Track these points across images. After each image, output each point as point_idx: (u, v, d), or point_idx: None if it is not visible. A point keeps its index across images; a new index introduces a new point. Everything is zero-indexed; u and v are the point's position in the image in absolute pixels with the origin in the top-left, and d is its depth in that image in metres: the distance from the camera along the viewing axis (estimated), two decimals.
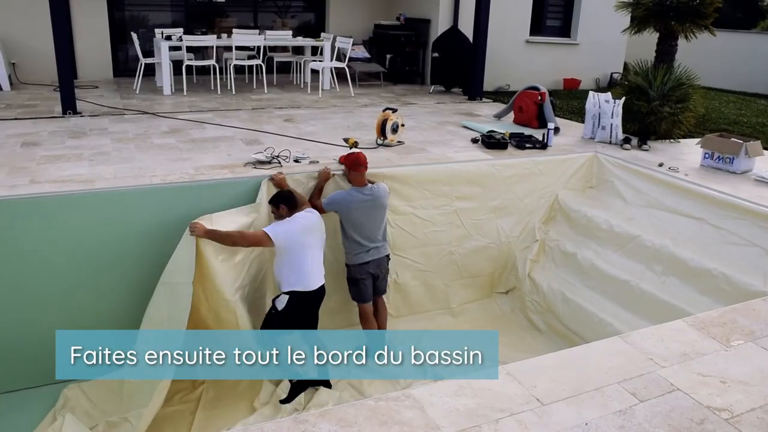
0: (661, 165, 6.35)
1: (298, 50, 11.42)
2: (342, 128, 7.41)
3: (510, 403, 2.61)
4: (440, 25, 11.22)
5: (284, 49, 11.52)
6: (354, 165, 5.21)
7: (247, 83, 10.52)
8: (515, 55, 12.04)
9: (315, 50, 10.90)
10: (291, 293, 4.65)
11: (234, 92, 9.74)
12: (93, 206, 4.82)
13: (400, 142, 6.68)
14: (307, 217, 4.77)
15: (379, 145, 6.57)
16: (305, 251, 4.66)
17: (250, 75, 10.68)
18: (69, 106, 7.82)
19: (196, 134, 6.93)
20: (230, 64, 9.81)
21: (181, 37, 9.55)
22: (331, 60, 10.10)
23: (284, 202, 4.80)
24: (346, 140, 5.88)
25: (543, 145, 6.80)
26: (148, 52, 10.11)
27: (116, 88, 10.15)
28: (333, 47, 10.13)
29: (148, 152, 6.06)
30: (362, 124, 7.72)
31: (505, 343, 5.77)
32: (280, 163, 5.60)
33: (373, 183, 5.32)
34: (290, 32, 10.82)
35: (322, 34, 10.85)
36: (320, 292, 4.84)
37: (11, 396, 4.89)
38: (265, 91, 9.94)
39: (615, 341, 3.22)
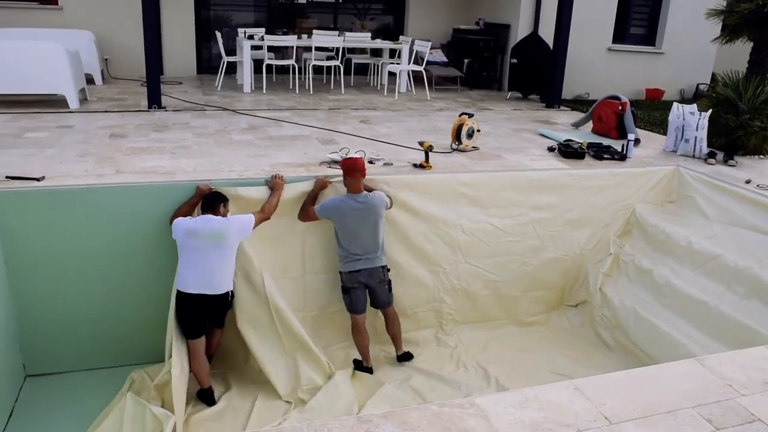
0: (748, 182, 6.07)
1: (376, 52, 11.51)
2: (417, 131, 7.42)
3: (576, 419, 2.55)
4: (520, 30, 11.08)
5: (362, 50, 11.64)
6: (350, 170, 5.03)
7: (324, 83, 10.68)
8: (596, 62, 11.77)
9: (393, 53, 10.96)
10: (176, 291, 4.64)
11: (312, 92, 9.91)
12: (173, 196, 4.99)
13: (475, 148, 6.64)
14: (196, 221, 4.56)
15: (454, 150, 6.54)
16: (187, 252, 4.55)
17: (328, 75, 10.85)
18: (154, 101, 8.15)
19: (274, 132, 7.08)
20: (309, 65, 9.98)
21: (262, 36, 9.79)
22: (409, 63, 10.12)
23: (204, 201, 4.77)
24: (420, 144, 5.88)
25: (622, 157, 6.61)
26: (231, 51, 10.42)
27: (199, 84, 10.50)
28: (411, 50, 10.16)
29: (227, 147, 6.24)
30: (437, 128, 7.71)
31: (572, 357, 5.67)
32: None
33: (371, 190, 5.20)
34: (369, 34, 10.92)
35: (401, 37, 10.90)
36: (199, 298, 4.54)
37: (95, 374, 5.18)
38: (342, 92, 10.07)
39: (690, 364, 3.09)
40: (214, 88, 10.04)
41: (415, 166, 5.78)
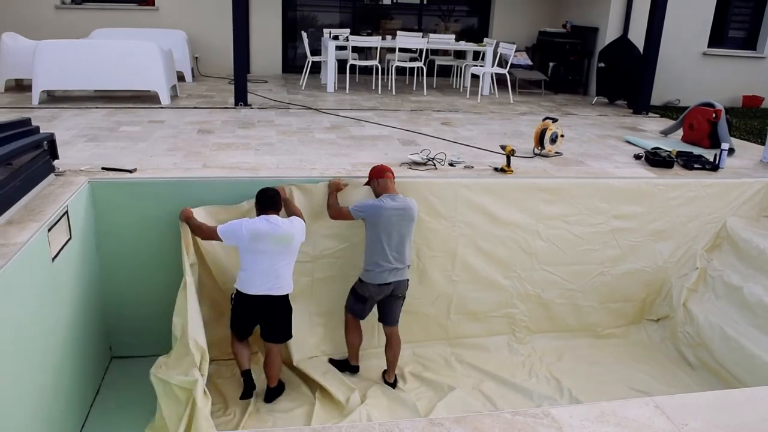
0: None
1: (460, 54, 11.46)
2: (499, 135, 7.34)
3: None
4: (609, 33, 10.77)
5: (446, 52, 11.62)
6: (380, 172, 4.88)
7: (407, 84, 10.72)
8: (689, 67, 11.31)
9: (476, 55, 10.88)
10: (236, 291, 4.60)
11: (394, 93, 9.96)
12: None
13: (557, 153, 6.50)
14: (260, 224, 4.42)
15: (536, 154, 6.43)
16: (252, 255, 4.45)
17: (410, 77, 10.88)
18: (241, 98, 8.39)
19: (356, 131, 7.16)
20: (392, 66, 10.04)
21: (347, 37, 9.92)
22: (493, 65, 10.02)
23: (256, 201, 4.62)
24: (503, 147, 5.81)
25: (714, 167, 6.32)
26: (316, 51, 10.60)
27: (284, 83, 10.74)
28: (495, 53, 10.05)
29: (309, 146, 6.35)
30: (520, 132, 7.60)
31: (651, 374, 5.48)
32: (435, 165, 5.66)
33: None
34: (453, 36, 10.89)
35: (485, 39, 10.81)
36: (260, 300, 4.51)
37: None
38: (425, 94, 10.07)
39: None
40: (299, 87, 10.25)
41: (496, 170, 5.72)
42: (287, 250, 4.51)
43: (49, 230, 4.01)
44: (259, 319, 4.70)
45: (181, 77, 10.10)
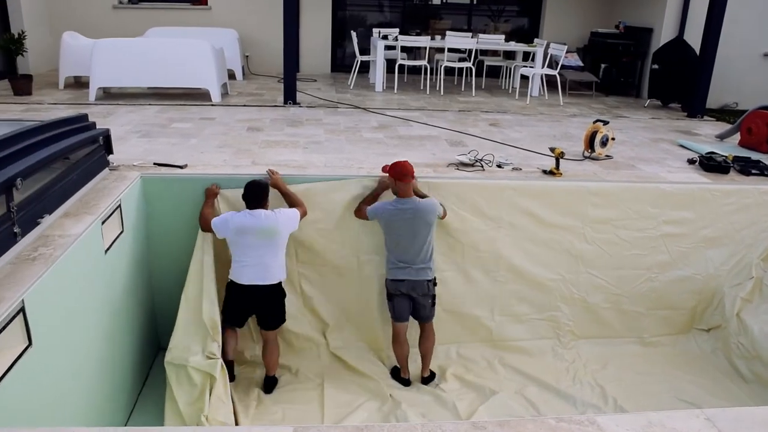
0: None
1: (509, 55, 11.35)
2: (548, 137, 7.24)
3: None
4: (663, 34, 10.52)
5: (495, 53, 11.52)
6: (400, 174, 4.83)
7: (455, 85, 10.68)
8: (749, 69, 10.95)
9: (526, 56, 10.76)
10: (230, 280, 4.70)
11: (442, 93, 9.93)
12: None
13: (608, 157, 6.38)
14: (243, 218, 4.54)
15: (586, 157, 6.32)
16: (240, 248, 4.58)
17: (459, 77, 10.84)
18: (290, 97, 8.49)
19: (403, 131, 7.16)
20: (441, 66, 10.00)
21: (396, 37, 9.93)
22: (543, 67, 9.90)
23: (243, 195, 4.67)
24: (552, 149, 5.73)
25: None
26: (365, 50, 10.64)
27: (332, 82, 10.81)
28: (545, 54, 9.93)
29: (357, 145, 6.38)
30: (569, 134, 7.48)
31: (700, 385, 5.33)
32: (482, 166, 5.62)
33: (424, 197, 5.02)
34: (502, 37, 10.79)
35: (536, 40, 10.68)
36: (251, 289, 4.62)
37: None
38: (473, 94, 10.01)
39: None
40: (347, 86, 10.31)
41: (544, 172, 5.65)
42: (273, 242, 4.60)
43: (103, 223, 4.13)
44: (253, 308, 4.81)
45: (231, 75, 10.26)
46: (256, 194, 4.62)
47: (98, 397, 3.99)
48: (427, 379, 5.19)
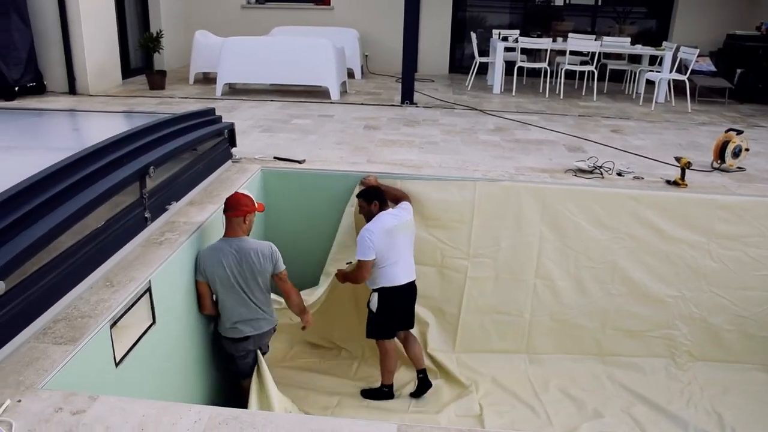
0: None
1: (635, 59, 10.88)
2: (673, 146, 6.88)
3: None
4: None
5: (619, 56, 11.06)
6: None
7: (576, 89, 10.38)
8: None
9: (653, 60, 10.28)
10: (379, 290, 4.60)
11: (562, 97, 9.68)
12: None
13: (740, 168, 5.98)
14: (386, 221, 4.50)
15: (715, 169, 5.96)
16: (388, 251, 4.48)
17: (580, 81, 10.52)
18: (407, 97, 8.56)
19: (520, 135, 7.05)
20: (561, 69, 9.75)
21: (517, 38, 9.78)
22: (671, 71, 9.41)
23: (377, 199, 4.59)
24: (677, 159, 5.44)
25: None
26: (484, 52, 10.54)
27: (450, 83, 10.81)
28: (674, 57, 9.43)
29: (472, 147, 6.34)
30: (697, 143, 7.08)
31: None
32: (601, 174, 5.43)
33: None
34: (628, 39, 10.36)
35: (664, 43, 10.20)
36: (409, 286, 4.67)
37: None
38: (594, 99, 9.69)
39: None
40: (464, 87, 10.27)
41: (668, 182, 5.38)
42: (411, 235, 4.70)
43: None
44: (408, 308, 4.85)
45: (350, 74, 10.48)
46: (383, 194, 4.68)
47: (206, 377, 4.15)
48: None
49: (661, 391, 5.18)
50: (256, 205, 3.98)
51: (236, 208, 3.86)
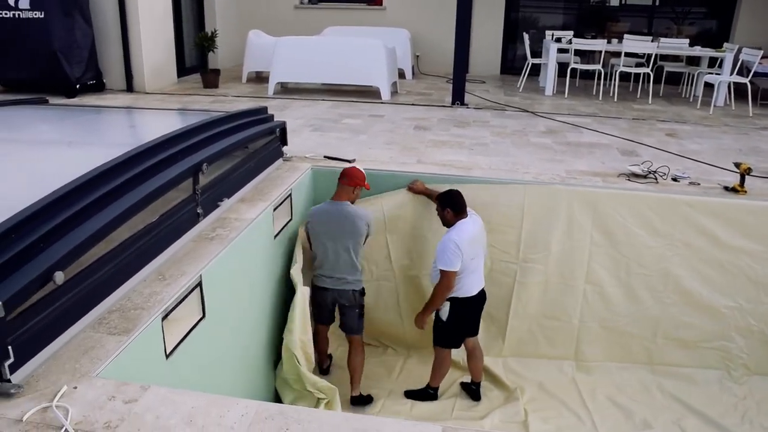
0: None
1: (693, 60, 10.58)
2: (732, 151, 6.66)
3: None
4: None
5: (676, 58, 10.77)
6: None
7: (630, 91, 10.15)
8: None
9: (712, 62, 9.98)
10: (452, 299, 4.52)
11: (616, 99, 9.49)
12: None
13: None
14: (468, 230, 4.42)
15: None
16: (468, 261, 4.38)
17: (635, 83, 10.30)
18: (458, 98, 8.52)
19: (572, 137, 6.93)
20: (616, 71, 9.55)
21: (570, 40, 9.63)
22: (731, 74, 9.12)
23: (450, 206, 4.46)
24: (736, 165, 5.27)
25: None
26: (536, 53, 10.42)
27: (501, 84, 10.71)
28: (736, 59, 9.13)
29: (523, 149, 6.27)
30: (758, 149, 6.84)
31: None
32: (656, 178, 5.30)
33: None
34: (686, 41, 10.08)
35: (725, 45, 9.87)
36: (480, 295, 4.67)
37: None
38: (649, 102, 9.46)
39: None
40: (516, 88, 10.16)
41: (726, 189, 5.21)
42: (484, 243, 4.69)
43: (275, 210, 4.39)
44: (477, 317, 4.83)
45: (401, 74, 10.49)
46: (463, 201, 4.54)
47: (251, 372, 4.20)
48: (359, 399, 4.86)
49: (714, 404, 5.02)
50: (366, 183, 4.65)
51: (352, 178, 4.58)
